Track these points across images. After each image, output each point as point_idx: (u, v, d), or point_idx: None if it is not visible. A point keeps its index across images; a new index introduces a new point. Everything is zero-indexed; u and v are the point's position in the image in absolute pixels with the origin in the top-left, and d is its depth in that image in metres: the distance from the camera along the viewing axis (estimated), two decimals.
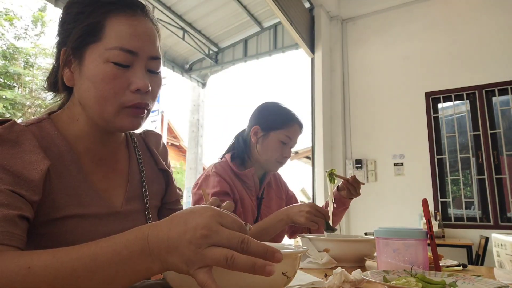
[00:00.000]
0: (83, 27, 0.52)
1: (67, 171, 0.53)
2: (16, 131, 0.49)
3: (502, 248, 0.89)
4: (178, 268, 0.35)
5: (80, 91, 0.54)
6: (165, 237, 0.35)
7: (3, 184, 0.43)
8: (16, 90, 8.57)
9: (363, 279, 0.58)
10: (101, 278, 0.35)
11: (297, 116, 1.19)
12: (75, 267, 0.35)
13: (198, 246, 0.34)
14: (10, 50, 8.45)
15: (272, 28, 4.61)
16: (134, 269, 0.35)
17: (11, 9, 8.79)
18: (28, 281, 0.34)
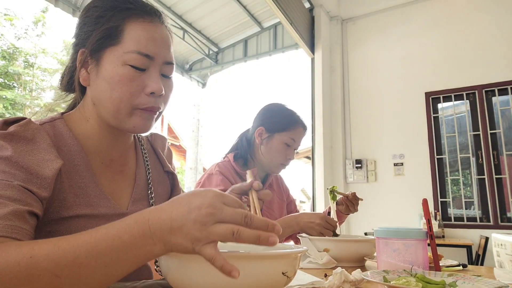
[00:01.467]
0: (103, 30, 0.54)
1: (77, 171, 0.54)
2: (32, 129, 0.50)
3: (502, 248, 0.89)
4: (182, 247, 0.36)
5: (95, 91, 0.55)
6: (167, 219, 0.36)
7: (16, 179, 0.43)
8: (16, 90, 8.57)
9: (363, 279, 0.58)
10: (103, 263, 0.35)
11: (301, 118, 1.20)
12: (77, 254, 0.35)
13: (203, 224, 0.35)
14: (10, 50, 8.45)
15: (272, 28, 4.61)
16: (136, 252, 0.36)
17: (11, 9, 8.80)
18: (31, 270, 0.34)
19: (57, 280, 0.34)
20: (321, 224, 1.00)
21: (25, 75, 8.69)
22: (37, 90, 9.06)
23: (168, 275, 0.43)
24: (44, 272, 0.34)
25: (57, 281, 0.34)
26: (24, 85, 8.71)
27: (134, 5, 0.55)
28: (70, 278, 0.35)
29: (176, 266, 0.41)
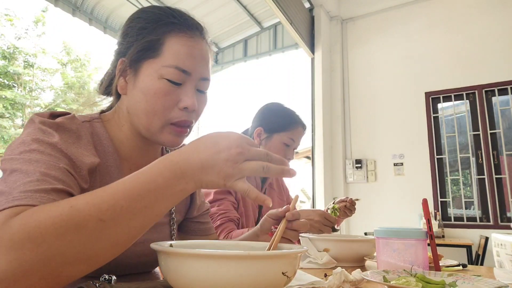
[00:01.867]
0: (143, 42, 0.55)
1: (108, 172, 0.55)
2: (76, 123, 0.52)
3: (502, 248, 0.89)
4: (214, 183, 0.40)
5: (131, 101, 0.56)
6: (197, 160, 0.40)
7: (62, 163, 0.45)
8: (16, 90, 8.56)
9: (363, 279, 0.58)
10: (142, 205, 0.37)
11: (300, 118, 1.19)
12: (116, 199, 0.37)
13: (235, 162, 0.40)
14: (10, 50, 8.44)
15: (272, 28, 4.61)
16: (171, 192, 0.39)
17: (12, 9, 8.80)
18: (74, 217, 0.35)
19: (102, 224, 0.35)
20: (320, 221, 0.99)
21: (25, 75, 8.69)
22: (37, 90, 9.06)
23: (168, 275, 0.43)
24: (88, 217, 0.35)
25: (102, 225, 0.35)
26: (24, 85, 8.71)
27: (178, 20, 0.56)
28: (114, 221, 0.36)
29: (176, 266, 0.41)
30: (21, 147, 0.44)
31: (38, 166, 0.41)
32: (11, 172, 0.41)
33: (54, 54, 9.28)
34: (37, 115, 0.50)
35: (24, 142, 0.45)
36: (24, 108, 8.64)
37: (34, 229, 0.33)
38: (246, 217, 1.11)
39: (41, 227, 0.33)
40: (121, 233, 0.37)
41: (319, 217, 0.99)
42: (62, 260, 0.34)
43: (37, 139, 0.45)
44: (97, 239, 0.35)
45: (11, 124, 8.28)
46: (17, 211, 0.35)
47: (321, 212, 1.01)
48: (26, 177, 0.40)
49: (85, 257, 0.35)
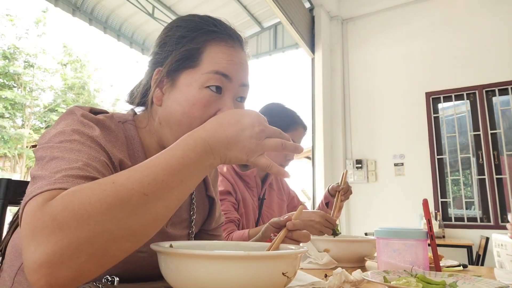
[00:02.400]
0: (183, 51, 0.53)
1: None
2: (114, 123, 0.53)
3: (502, 248, 0.89)
4: (237, 159, 0.43)
5: (165, 112, 0.54)
6: (223, 137, 0.42)
7: (103, 156, 0.45)
8: (16, 90, 8.57)
9: (363, 279, 0.57)
10: (179, 179, 0.39)
11: (301, 118, 1.19)
12: (155, 173, 0.37)
13: (258, 139, 0.43)
14: (10, 50, 8.45)
15: (272, 28, 4.61)
16: (201, 167, 0.41)
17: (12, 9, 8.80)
18: (118, 192, 0.35)
19: (145, 198, 0.36)
20: (320, 223, 0.99)
21: (25, 75, 8.69)
22: (37, 90, 9.07)
23: (168, 275, 0.43)
24: (132, 192, 0.35)
25: (145, 199, 0.36)
26: (24, 85, 8.71)
27: (219, 28, 0.54)
28: (155, 195, 0.37)
29: (176, 267, 0.41)
30: (60, 136, 0.44)
31: (79, 156, 0.42)
32: (51, 159, 0.41)
33: (54, 55, 9.29)
34: (78, 107, 0.50)
35: (64, 132, 0.44)
36: (24, 108, 8.64)
37: (78, 206, 0.33)
38: (246, 217, 1.11)
39: (86, 203, 0.33)
40: (161, 207, 0.37)
41: (320, 218, 0.99)
42: (109, 237, 0.33)
43: (77, 130, 0.45)
44: (141, 214, 0.35)
45: (11, 124, 8.28)
46: (57, 193, 0.35)
47: (322, 214, 1.01)
48: (67, 164, 0.40)
49: (130, 233, 0.35)
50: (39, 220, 0.32)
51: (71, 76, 9.41)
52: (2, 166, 8.44)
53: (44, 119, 9.07)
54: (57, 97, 9.25)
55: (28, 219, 0.33)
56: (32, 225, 0.32)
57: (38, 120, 9.09)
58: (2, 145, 7.85)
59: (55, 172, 0.38)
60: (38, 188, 0.36)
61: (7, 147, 7.93)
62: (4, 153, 8.00)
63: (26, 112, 8.62)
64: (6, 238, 0.58)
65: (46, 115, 9.01)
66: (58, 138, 0.44)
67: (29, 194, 0.36)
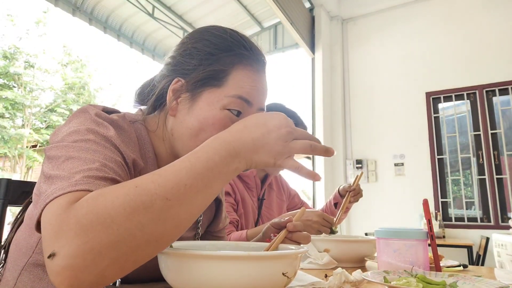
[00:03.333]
0: (210, 70, 0.52)
1: None
2: (127, 123, 0.52)
3: (502, 248, 0.88)
4: (264, 162, 0.42)
5: (180, 125, 0.54)
6: (249, 140, 0.41)
7: (118, 157, 0.45)
8: (16, 90, 8.57)
9: (363, 279, 0.57)
10: (203, 183, 0.38)
11: (301, 119, 1.18)
12: (179, 177, 0.37)
13: (285, 141, 0.42)
14: (11, 50, 8.45)
15: (272, 28, 4.61)
16: (226, 170, 0.40)
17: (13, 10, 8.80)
18: (141, 196, 0.34)
19: (168, 203, 0.35)
20: (318, 222, 0.99)
21: (26, 76, 8.69)
22: (37, 90, 9.07)
23: (168, 275, 0.43)
24: (155, 196, 0.34)
25: (168, 204, 0.35)
26: (25, 85, 8.71)
27: (248, 52, 0.54)
28: (178, 200, 0.36)
29: (176, 266, 0.41)
30: (74, 136, 0.43)
31: (96, 156, 0.41)
32: (67, 158, 0.40)
33: (55, 55, 9.30)
34: (91, 106, 0.49)
35: (78, 131, 0.43)
36: (24, 109, 8.64)
37: (102, 210, 0.32)
38: (245, 218, 1.11)
39: (109, 207, 0.33)
40: (184, 212, 0.37)
41: (317, 217, 0.99)
42: (132, 242, 0.33)
43: (92, 129, 0.44)
44: (164, 219, 0.35)
45: (11, 124, 8.29)
46: (80, 195, 0.35)
47: (319, 213, 1.01)
48: (85, 164, 0.39)
49: (153, 238, 0.35)
50: (64, 222, 0.32)
51: (71, 76, 9.41)
52: (2, 166, 8.45)
53: (44, 119, 9.08)
54: (57, 97, 9.26)
55: (53, 221, 0.33)
56: (57, 227, 0.32)
57: (38, 120, 9.10)
58: (2, 145, 7.86)
59: (74, 172, 0.38)
60: (59, 189, 0.35)
61: (7, 147, 7.93)
62: (4, 153, 8.00)
63: (26, 112, 8.62)
64: (10, 236, 0.58)
65: (46, 115, 9.02)
66: (73, 137, 0.43)
67: (50, 195, 0.35)
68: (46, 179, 0.39)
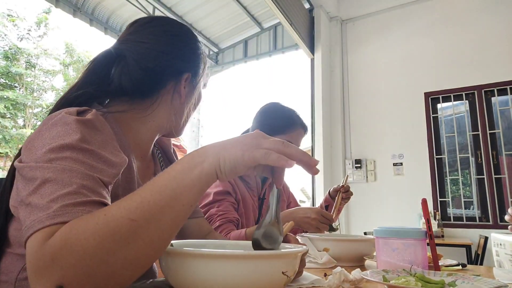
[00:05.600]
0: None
1: (129, 175, 0.56)
2: (100, 120, 0.50)
3: (501, 248, 0.89)
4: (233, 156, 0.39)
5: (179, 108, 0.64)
6: (216, 143, 0.40)
7: (96, 171, 0.43)
8: (18, 90, 8.56)
9: (362, 278, 0.58)
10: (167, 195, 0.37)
11: (300, 118, 1.16)
12: (142, 196, 0.36)
13: (255, 137, 0.40)
14: (12, 50, 8.44)
15: (272, 29, 4.61)
16: (191, 175, 0.38)
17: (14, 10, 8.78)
18: (109, 223, 0.34)
19: (134, 224, 0.35)
20: (316, 219, 0.98)
21: (27, 76, 8.69)
22: (38, 90, 9.06)
23: (168, 275, 0.43)
24: (121, 220, 0.34)
25: (134, 225, 0.35)
26: (26, 85, 8.70)
27: None
28: (144, 219, 0.35)
29: (176, 265, 0.41)
30: (50, 154, 0.41)
31: (73, 177, 0.40)
32: (43, 182, 0.39)
33: (56, 55, 9.29)
34: (67, 113, 0.46)
35: (53, 149, 0.42)
36: (26, 109, 8.64)
37: (75, 242, 0.33)
38: (246, 217, 1.11)
39: (82, 239, 0.33)
40: (153, 231, 0.36)
41: (316, 214, 0.98)
42: (106, 269, 0.34)
43: (67, 145, 0.42)
44: (133, 241, 0.34)
45: (12, 124, 8.28)
46: (56, 229, 0.35)
47: (318, 210, 1.00)
48: (62, 189, 0.38)
49: (127, 262, 0.35)
50: (40, 260, 0.33)
51: (72, 76, 9.40)
52: (3, 166, 8.44)
53: None
54: (58, 97, 9.23)
55: (31, 258, 0.34)
56: (35, 265, 0.33)
57: (40, 121, 9.09)
58: (4, 145, 7.85)
59: (51, 200, 0.37)
60: (38, 221, 0.36)
61: (9, 147, 7.93)
62: (6, 152, 7.99)
63: (28, 112, 8.61)
64: None
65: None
66: (48, 156, 0.41)
67: (29, 228, 0.36)
68: (24, 205, 0.39)
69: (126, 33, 0.62)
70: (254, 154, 0.38)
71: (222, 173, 0.38)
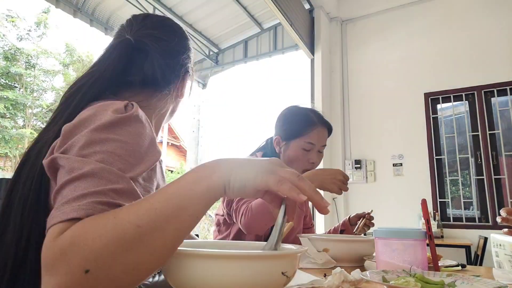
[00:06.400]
0: None
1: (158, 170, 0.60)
2: (144, 115, 0.52)
3: (500, 248, 0.89)
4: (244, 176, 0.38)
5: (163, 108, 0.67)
6: (230, 159, 0.40)
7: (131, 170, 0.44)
8: (18, 90, 8.56)
9: (362, 279, 0.58)
10: (175, 204, 0.37)
11: (320, 117, 1.14)
12: (150, 202, 0.37)
13: (272, 163, 0.39)
14: (12, 50, 8.44)
15: (272, 29, 4.62)
16: (200, 187, 0.38)
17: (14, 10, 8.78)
18: (116, 227, 0.35)
19: (139, 230, 0.35)
20: (342, 180, 1.00)
21: (27, 76, 8.68)
22: (38, 91, 9.06)
23: (167, 275, 0.43)
24: (128, 225, 0.35)
25: (139, 232, 0.35)
26: (26, 85, 8.70)
27: None
28: (150, 226, 0.35)
29: (176, 265, 0.41)
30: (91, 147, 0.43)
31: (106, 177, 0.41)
32: (80, 176, 0.40)
33: (56, 55, 9.28)
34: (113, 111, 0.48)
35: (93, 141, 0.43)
36: (26, 109, 8.64)
37: (83, 241, 0.34)
38: None
39: (89, 239, 0.34)
40: (158, 239, 0.35)
41: (342, 176, 1.00)
42: (107, 272, 0.34)
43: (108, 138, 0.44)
44: (136, 248, 0.35)
45: (12, 124, 8.28)
46: (71, 224, 0.36)
47: (342, 172, 1.02)
48: (94, 187, 0.39)
49: (129, 268, 0.35)
50: (51, 251, 0.34)
51: (72, 76, 9.40)
52: (3, 166, 8.44)
53: (46, 119, 9.07)
54: (58, 97, 9.25)
55: (44, 249, 0.35)
56: (45, 257, 0.34)
57: (40, 121, 9.09)
58: (3, 145, 7.85)
59: (80, 196, 0.38)
60: (59, 215, 0.37)
61: (8, 147, 7.92)
62: (5, 152, 7.99)
63: (27, 113, 8.61)
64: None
65: (47, 116, 9.01)
66: (88, 149, 0.42)
67: (52, 218, 0.37)
68: (59, 191, 0.40)
69: (141, 26, 0.64)
70: (267, 179, 0.37)
71: (231, 189, 0.38)
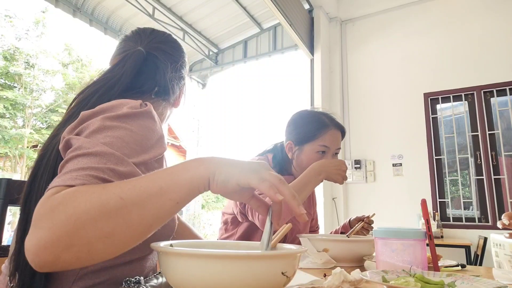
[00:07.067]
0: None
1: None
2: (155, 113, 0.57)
3: (500, 248, 0.89)
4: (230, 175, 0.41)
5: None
6: (226, 159, 0.42)
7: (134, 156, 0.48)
8: (17, 90, 8.55)
9: (362, 279, 0.58)
10: (159, 185, 0.39)
11: (332, 119, 1.12)
12: (138, 180, 0.40)
13: (262, 166, 0.42)
14: (11, 50, 8.43)
15: (272, 29, 4.62)
16: (185, 176, 0.40)
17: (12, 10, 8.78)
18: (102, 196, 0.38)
19: (121, 201, 0.37)
20: (345, 171, 1.03)
21: (26, 76, 8.67)
22: (37, 90, 9.05)
23: (168, 274, 0.43)
24: (112, 195, 0.38)
25: (121, 203, 0.37)
26: (25, 85, 8.69)
27: None
28: (132, 200, 0.38)
29: (176, 266, 0.41)
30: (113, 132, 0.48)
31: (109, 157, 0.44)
32: (89, 153, 0.44)
33: (55, 55, 9.27)
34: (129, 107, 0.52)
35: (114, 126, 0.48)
36: (25, 109, 8.63)
37: (71, 204, 0.37)
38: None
39: (76, 202, 0.37)
40: (136, 214, 0.38)
41: (345, 166, 1.03)
42: (84, 235, 0.36)
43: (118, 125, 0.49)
44: (114, 217, 0.37)
45: (12, 124, 8.28)
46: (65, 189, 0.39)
47: (344, 162, 1.05)
48: (96, 163, 0.43)
49: (103, 234, 0.37)
50: (42, 207, 0.37)
51: (72, 76, 9.40)
52: (3, 166, 8.43)
53: (45, 119, 9.06)
54: (58, 97, 9.24)
55: (37, 206, 0.38)
56: (36, 211, 0.37)
57: (39, 121, 9.09)
58: (3, 145, 7.84)
59: (80, 168, 0.42)
60: (58, 181, 0.40)
61: (8, 147, 7.92)
62: (5, 152, 7.99)
63: (27, 113, 8.60)
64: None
65: (47, 116, 9.00)
66: (100, 134, 0.47)
67: (52, 183, 0.40)
68: (62, 166, 0.44)
69: (150, 39, 0.70)
70: (250, 176, 0.40)
71: (215, 182, 0.40)
